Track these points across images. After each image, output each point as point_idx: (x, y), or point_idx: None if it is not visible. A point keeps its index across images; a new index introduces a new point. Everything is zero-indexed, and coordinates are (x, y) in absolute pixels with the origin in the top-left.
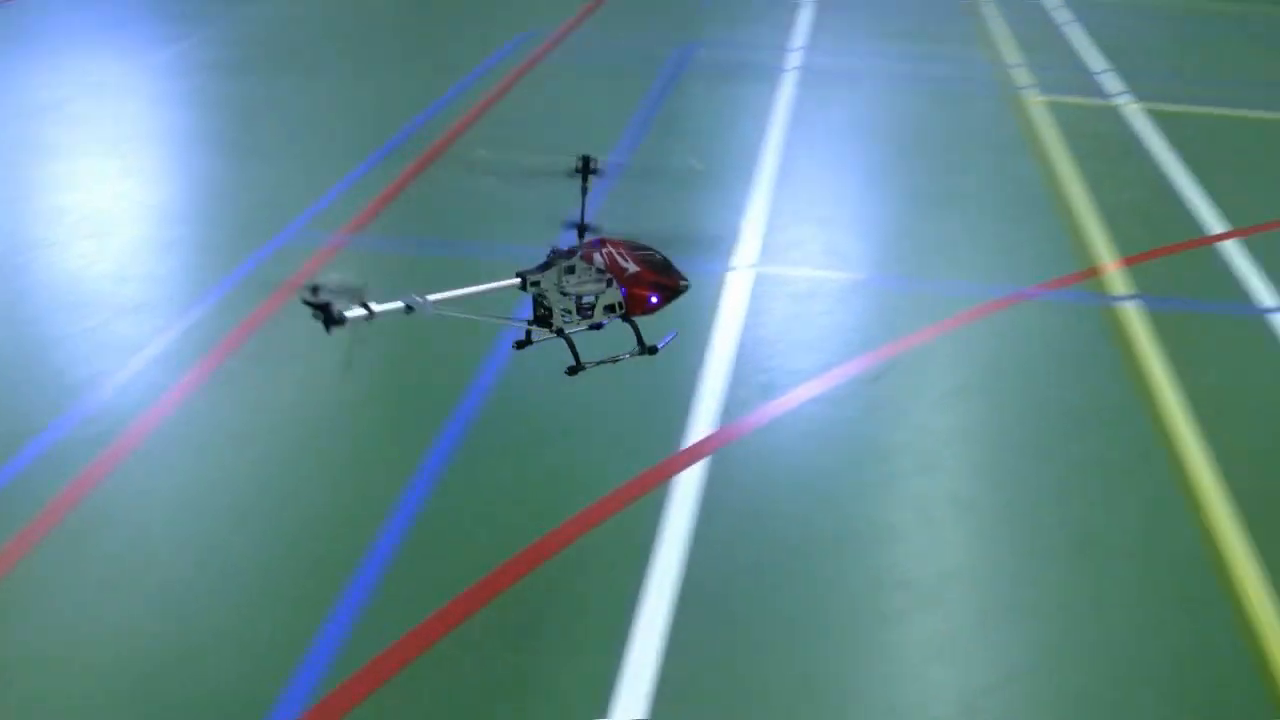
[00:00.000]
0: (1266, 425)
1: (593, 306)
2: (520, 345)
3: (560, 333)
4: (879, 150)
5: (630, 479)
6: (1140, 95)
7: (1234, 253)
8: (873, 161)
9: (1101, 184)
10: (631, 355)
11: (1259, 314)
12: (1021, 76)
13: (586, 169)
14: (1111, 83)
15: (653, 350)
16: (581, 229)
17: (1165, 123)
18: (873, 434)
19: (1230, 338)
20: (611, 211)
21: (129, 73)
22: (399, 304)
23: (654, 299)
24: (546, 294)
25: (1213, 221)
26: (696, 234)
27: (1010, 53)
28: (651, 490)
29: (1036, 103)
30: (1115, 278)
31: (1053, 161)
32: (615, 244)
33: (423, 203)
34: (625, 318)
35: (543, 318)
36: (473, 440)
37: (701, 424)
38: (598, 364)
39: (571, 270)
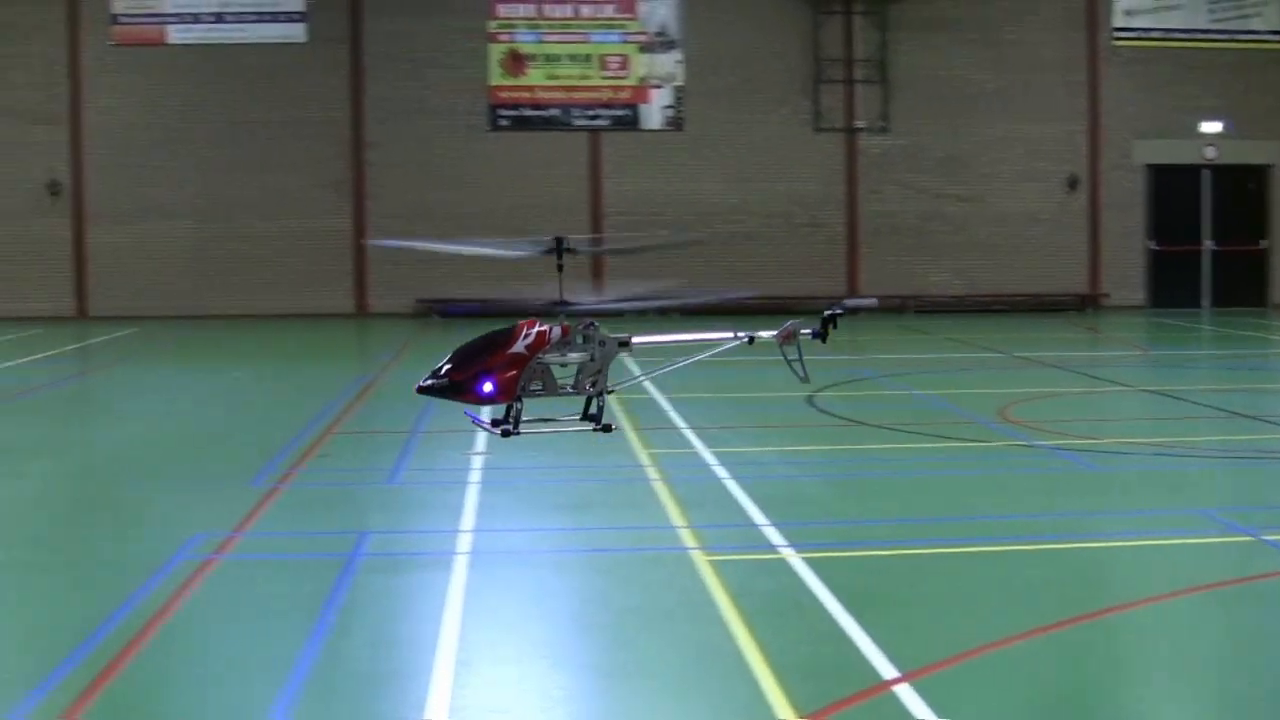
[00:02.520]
0: None
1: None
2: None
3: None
4: (550, 626)
5: None
6: (801, 545)
7: (909, 697)
8: (556, 639)
9: (774, 642)
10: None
11: None
12: (688, 538)
13: (560, 249)
14: (774, 535)
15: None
16: (561, 303)
17: (827, 568)
18: None
19: None
20: None
21: None
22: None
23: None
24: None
25: (886, 666)
26: None
27: (676, 514)
28: None
29: (705, 563)
30: None
31: (726, 623)
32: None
33: None
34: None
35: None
36: None
37: None
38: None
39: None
